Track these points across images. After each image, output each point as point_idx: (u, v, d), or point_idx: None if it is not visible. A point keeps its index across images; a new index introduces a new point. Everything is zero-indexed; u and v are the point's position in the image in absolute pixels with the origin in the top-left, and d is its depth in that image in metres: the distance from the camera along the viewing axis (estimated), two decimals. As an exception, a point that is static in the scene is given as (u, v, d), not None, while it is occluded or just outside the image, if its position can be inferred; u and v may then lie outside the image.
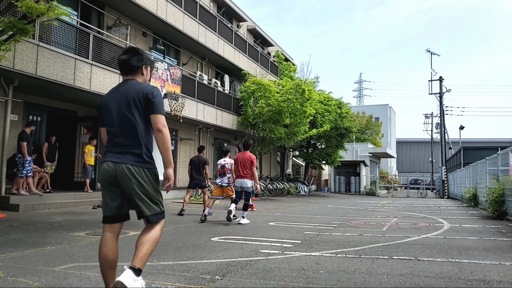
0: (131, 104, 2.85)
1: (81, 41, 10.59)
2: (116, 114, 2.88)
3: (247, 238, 6.28)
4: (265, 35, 25.45)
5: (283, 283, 3.67)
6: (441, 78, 30.30)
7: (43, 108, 11.62)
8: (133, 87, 2.91)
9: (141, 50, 3.12)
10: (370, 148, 34.80)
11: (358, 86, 77.45)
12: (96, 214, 9.16)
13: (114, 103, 2.91)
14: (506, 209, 9.91)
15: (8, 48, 7.49)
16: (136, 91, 2.87)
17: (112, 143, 2.91)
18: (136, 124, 2.85)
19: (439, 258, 4.86)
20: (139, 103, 2.85)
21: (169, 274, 3.89)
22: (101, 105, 2.99)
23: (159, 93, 2.96)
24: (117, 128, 2.87)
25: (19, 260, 4.36)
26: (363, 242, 6.09)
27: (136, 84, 2.95)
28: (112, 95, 2.97)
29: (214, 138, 18.91)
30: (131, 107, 2.85)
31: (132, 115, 2.85)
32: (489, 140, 56.11)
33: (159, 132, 2.86)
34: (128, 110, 2.85)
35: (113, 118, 2.89)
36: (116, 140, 2.88)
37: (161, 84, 11.35)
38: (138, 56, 3.02)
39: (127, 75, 3.03)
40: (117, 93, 2.95)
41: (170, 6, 14.66)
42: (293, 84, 18.79)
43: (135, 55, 3.02)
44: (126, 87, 2.93)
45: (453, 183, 26.19)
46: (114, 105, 2.90)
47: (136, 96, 2.85)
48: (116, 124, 2.88)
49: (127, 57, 3.01)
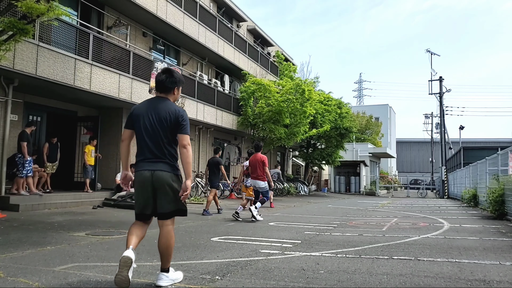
0: (164, 122, 3.32)
1: (81, 41, 10.59)
2: (149, 127, 3.34)
3: (247, 238, 6.27)
4: (265, 35, 25.45)
5: (283, 283, 3.67)
6: (441, 78, 30.30)
7: (43, 108, 11.62)
8: (168, 107, 3.37)
9: (176, 73, 3.53)
10: (370, 148, 34.80)
11: (358, 86, 77.47)
12: (96, 214, 9.16)
13: (148, 117, 3.35)
14: (506, 209, 9.91)
15: (8, 48, 7.49)
16: (170, 112, 3.34)
17: (145, 153, 3.40)
18: (166, 139, 3.34)
19: (439, 258, 4.86)
20: (171, 122, 3.32)
21: (169, 274, 3.89)
22: (134, 114, 3.43)
23: (187, 116, 3.47)
24: (150, 140, 3.34)
25: (19, 260, 4.36)
26: (363, 242, 6.08)
27: (170, 104, 3.42)
28: (147, 109, 3.40)
29: (214, 138, 18.91)
30: (164, 124, 3.32)
31: (164, 131, 3.33)
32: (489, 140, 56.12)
33: (184, 148, 3.33)
34: (162, 127, 3.32)
35: (147, 130, 3.34)
36: (149, 151, 3.37)
37: (161, 84, 11.37)
38: (172, 79, 3.47)
39: (161, 93, 3.49)
40: (152, 108, 3.38)
41: (170, 6, 14.66)
42: (293, 84, 18.79)
43: (169, 77, 3.46)
44: (161, 106, 3.38)
45: (453, 183, 26.20)
46: (148, 119, 3.35)
47: (169, 116, 3.32)
48: (150, 136, 3.34)
49: (164, 78, 3.46)
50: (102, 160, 12.70)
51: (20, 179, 9.51)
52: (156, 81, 3.52)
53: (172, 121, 3.33)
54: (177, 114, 3.34)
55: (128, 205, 10.80)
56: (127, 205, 10.82)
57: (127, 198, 11.05)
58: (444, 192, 26.79)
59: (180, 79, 3.55)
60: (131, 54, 12.36)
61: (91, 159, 11.73)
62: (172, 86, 3.48)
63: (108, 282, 3.56)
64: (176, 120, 3.33)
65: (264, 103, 18.11)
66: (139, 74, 12.51)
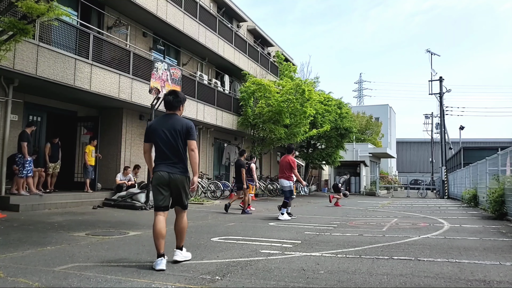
0: (177, 133, 4.23)
1: (81, 41, 10.59)
2: (165, 138, 4.22)
3: (247, 238, 6.27)
4: (265, 35, 25.45)
5: (283, 283, 3.67)
6: (441, 78, 30.29)
7: (43, 108, 11.62)
8: (178, 122, 4.29)
9: (180, 93, 4.48)
10: (370, 148, 34.80)
11: (358, 86, 77.51)
12: (96, 215, 9.16)
13: (164, 130, 4.23)
14: (506, 209, 9.91)
15: (8, 48, 7.49)
16: (181, 125, 4.27)
17: (163, 157, 4.24)
18: (180, 147, 4.24)
19: (439, 258, 4.86)
20: (182, 132, 4.24)
21: (169, 274, 3.89)
22: (151, 128, 4.33)
23: (194, 126, 4.42)
24: (167, 148, 4.22)
25: (19, 260, 4.36)
26: (363, 242, 6.08)
27: (180, 119, 4.34)
28: (161, 124, 4.29)
29: (214, 138, 18.91)
30: (177, 135, 4.23)
31: (179, 141, 4.24)
32: (489, 140, 56.11)
33: (192, 151, 4.29)
34: (176, 138, 4.23)
35: (163, 141, 4.22)
36: (166, 157, 4.23)
37: (161, 84, 11.34)
38: (178, 99, 4.39)
39: (169, 110, 4.39)
40: (166, 123, 4.28)
41: (170, 6, 14.66)
42: (293, 84, 18.78)
43: (175, 97, 4.38)
44: (173, 120, 4.29)
45: (453, 183, 26.19)
46: (164, 132, 4.22)
47: (180, 128, 4.25)
48: (167, 146, 4.22)
49: (171, 99, 4.36)
50: (102, 160, 12.70)
51: (20, 179, 9.49)
52: (164, 101, 4.41)
53: (183, 131, 4.25)
54: (187, 125, 4.30)
55: (128, 205, 10.80)
56: (127, 205, 10.82)
57: (127, 198, 11.06)
58: (444, 192, 26.78)
59: (183, 98, 4.49)
60: (131, 54, 12.36)
61: (91, 159, 11.72)
62: (178, 105, 4.39)
63: (108, 282, 3.56)
64: (186, 130, 4.26)
65: (264, 103, 18.10)
66: (139, 74, 12.51)
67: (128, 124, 13.54)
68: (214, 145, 18.99)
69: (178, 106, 4.40)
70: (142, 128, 14.07)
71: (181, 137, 4.24)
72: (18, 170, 9.42)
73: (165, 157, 4.22)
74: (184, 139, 4.25)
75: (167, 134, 4.21)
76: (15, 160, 9.44)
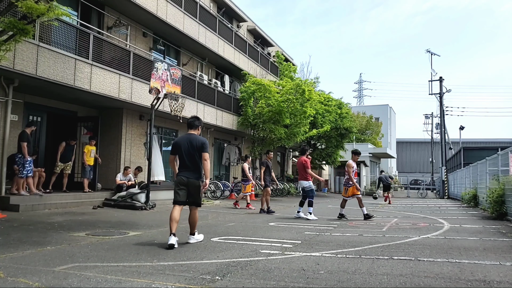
0: (195, 149, 5.59)
1: (81, 41, 10.58)
2: (187, 152, 5.58)
3: (247, 238, 6.28)
4: (265, 35, 25.44)
5: (283, 283, 3.67)
6: (441, 78, 30.29)
7: (43, 108, 11.61)
8: (196, 139, 5.64)
9: (199, 119, 5.98)
10: (370, 148, 34.79)
11: (358, 86, 77.54)
12: (96, 215, 9.16)
13: (185, 145, 5.59)
14: (506, 210, 9.90)
15: (8, 48, 7.49)
16: (198, 142, 5.62)
17: (184, 166, 5.60)
18: (197, 159, 5.60)
19: (439, 259, 4.86)
20: (198, 148, 5.59)
21: (169, 274, 3.89)
22: (176, 143, 5.70)
23: (207, 141, 5.78)
24: (187, 160, 5.58)
25: (19, 260, 4.36)
26: (363, 242, 6.08)
27: (197, 137, 5.70)
28: (184, 140, 5.65)
29: (214, 138, 18.90)
30: (195, 150, 5.59)
31: (195, 153, 5.59)
32: (489, 141, 56.11)
33: (205, 161, 5.62)
34: (194, 151, 5.58)
35: (184, 153, 5.58)
36: (186, 165, 5.59)
37: (161, 84, 11.34)
38: (198, 122, 5.90)
39: (190, 129, 5.82)
40: (187, 140, 5.63)
41: (170, 7, 14.66)
42: (293, 84, 18.76)
43: (197, 120, 5.88)
44: (193, 138, 5.64)
45: (453, 183, 26.18)
46: (185, 146, 5.58)
47: (198, 144, 5.60)
48: (187, 158, 5.58)
49: (193, 120, 5.86)
50: (102, 160, 12.70)
51: (20, 179, 9.48)
52: (188, 122, 5.84)
53: (199, 146, 5.60)
54: (202, 141, 5.65)
55: (128, 205, 10.80)
56: (127, 205, 10.82)
57: (127, 198, 11.05)
58: (444, 193, 26.77)
59: (201, 122, 6.03)
60: (131, 54, 12.35)
61: (90, 159, 11.71)
62: (196, 126, 5.86)
63: (108, 282, 3.56)
64: (201, 145, 5.62)
65: (264, 103, 18.09)
66: (139, 74, 12.51)
67: (128, 124, 13.54)
68: (214, 145, 18.99)
69: (197, 127, 5.86)
70: (142, 128, 14.07)
71: (198, 151, 5.57)
72: (18, 170, 9.41)
73: (185, 165, 5.59)
74: (199, 152, 5.58)
75: (188, 148, 5.56)
76: (15, 160, 9.44)
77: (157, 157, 13.96)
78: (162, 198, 14.37)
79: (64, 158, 11.26)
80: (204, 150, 5.60)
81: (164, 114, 13.66)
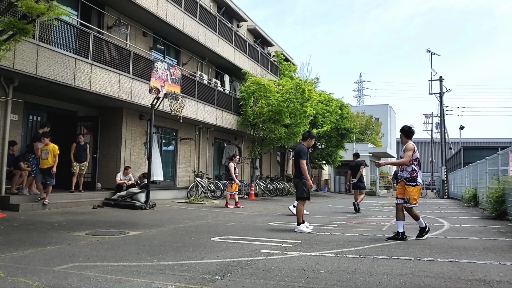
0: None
1: (81, 41, 10.58)
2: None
3: (247, 238, 6.28)
4: (265, 35, 25.43)
5: (283, 283, 3.66)
6: (441, 78, 30.28)
7: (43, 108, 11.61)
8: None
9: (312, 132, 7.35)
10: (370, 148, 34.78)
11: (358, 86, 77.52)
12: (96, 214, 9.16)
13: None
14: (506, 209, 9.90)
15: (8, 48, 7.48)
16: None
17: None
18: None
19: (439, 258, 4.86)
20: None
21: (169, 274, 3.89)
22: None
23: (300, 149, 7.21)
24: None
25: (19, 260, 4.36)
26: (363, 242, 6.08)
27: (301, 145, 7.13)
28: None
29: (214, 138, 18.90)
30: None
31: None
32: (489, 140, 56.10)
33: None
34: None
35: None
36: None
37: (161, 84, 11.33)
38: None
39: (304, 140, 7.28)
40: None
41: (170, 6, 14.65)
42: (293, 84, 18.76)
43: (307, 133, 7.34)
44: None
45: (453, 183, 26.18)
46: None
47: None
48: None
49: (307, 134, 7.35)
50: (102, 160, 12.69)
51: (32, 178, 9.75)
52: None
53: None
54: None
55: (128, 205, 10.80)
56: (127, 205, 10.82)
57: (127, 198, 11.05)
58: (444, 192, 26.77)
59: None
60: (131, 54, 12.35)
61: (43, 162, 9.48)
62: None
63: (108, 282, 3.56)
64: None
65: (264, 103, 18.08)
66: (139, 74, 12.50)
67: (128, 124, 13.54)
68: (214, 145, 18.98)
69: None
70: (142, 128, 14.06)
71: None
72: (32, 170, 9.72)
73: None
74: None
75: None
76: (29, 160, 9.70)
77: (156, 157, 13.97)
78: (162, 198, 14.37)
79: (77, 158, 11.25)
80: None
81: (164, 114, 13.66)
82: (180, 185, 16.04)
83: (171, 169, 15.90)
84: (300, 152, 7.13)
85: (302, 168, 7.06)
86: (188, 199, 14.50)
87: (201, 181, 16.08)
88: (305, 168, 7.04)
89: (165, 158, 15.55)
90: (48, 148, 9.51)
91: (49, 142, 9.60)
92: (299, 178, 7.18)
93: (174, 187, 15.76)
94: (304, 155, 7.08)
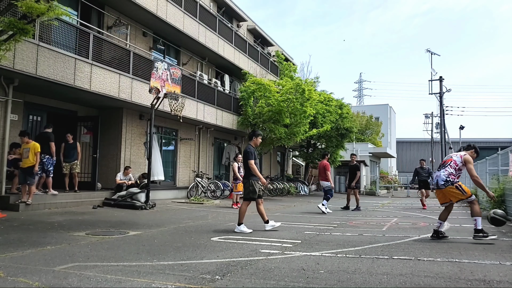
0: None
1: (81, 41, 10.58)
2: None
3: (247, 238, 6.28)
4: (265, 35, 25.43)
5: (283, 283, 3.67)
6: (441, 78, 30.29)
7: (43, 108, 11.61)
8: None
9: (257, 131, 7.43)
10: (370, 148, 34.77)
11: (358, 86, 77.48)
12: (96, 214, 9.16)
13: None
14: (506, 209, 9.90)
15: (8, 48, 7.49)
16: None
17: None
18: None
19: (439, 258, 4.86)
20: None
21: (169, 274, 3.89)
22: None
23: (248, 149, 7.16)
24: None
25: (19, 260, 4.36)
26: (363, 242, 6.09)
27: (248, 146, 7.16)
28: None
29: (214, 138, 18.90)
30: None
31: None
32: (489, 140, 56.05)
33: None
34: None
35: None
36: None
37: (161, 84, 11.33)
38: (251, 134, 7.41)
39: (250, 140, 7.34)
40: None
41: (170, 6, 14.65)
42: (293, 84, 18.75)
43: (252, 132, 7.29)
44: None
45: (453, 183, 26.09)
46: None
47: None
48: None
49: (251, 134, 7.33)
50: (102, 160, 12.70)
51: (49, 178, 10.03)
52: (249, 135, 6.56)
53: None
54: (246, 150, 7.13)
55: (128, 205, 10.80)
56: (127, 205, 10.82)
57: (127, 197, 11.05)
58: (444, 192, 26.71)
59: (258, 133, 7.49)
60: (131, 54, 12.35)
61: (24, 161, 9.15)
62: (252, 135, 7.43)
63: (108, 282, 3.56)
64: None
65: (264, 103, 18.09)
66: (139, 74, 12.50)
67: (128, 124, 13.54)
68: (214, 145, 18.98)
69: (252, 137, 7.27)
70: (142, 127, 14.07)
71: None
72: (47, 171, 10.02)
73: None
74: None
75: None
76: (43, 161, 9.74)
77: (157, 157, 13.96)
78: (162, 198, 14.37)
79: (66, 157, 11.13)
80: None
81: (164, 114, 13.66)
82: (180, 185, 16.04)
83: (171, 169, 15.90)
84: (247, 152, 7.16)
85: (252, 168, 7.06)
86: (188, 199, 14.50)
87: (201, 181, 16.08)
88: (255, 167, 7.07)
89: (165, 158, 15.55)
90: (29, 147, 9.18)
91: (30, 140, 9.32)
92: (247, 179, 7.18)
93: (174, 187, 15.76)
94: (251, 155, 7.11)
